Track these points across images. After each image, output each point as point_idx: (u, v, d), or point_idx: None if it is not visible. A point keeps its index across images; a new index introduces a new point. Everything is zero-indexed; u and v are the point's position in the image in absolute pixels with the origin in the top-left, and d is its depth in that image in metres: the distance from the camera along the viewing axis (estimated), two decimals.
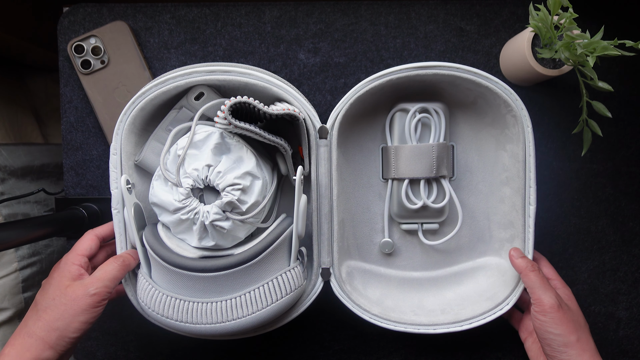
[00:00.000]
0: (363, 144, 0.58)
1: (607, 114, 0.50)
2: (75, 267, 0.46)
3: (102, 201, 0.60)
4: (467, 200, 0.58)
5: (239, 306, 0.46)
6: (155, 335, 0.61)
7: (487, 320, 0.53)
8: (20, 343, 0.43)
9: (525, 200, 0.52)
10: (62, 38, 0.59)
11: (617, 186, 0.60)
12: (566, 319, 0.47)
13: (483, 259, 0.57)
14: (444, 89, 0.54)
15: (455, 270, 0.58)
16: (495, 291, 0.54)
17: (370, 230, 0.59)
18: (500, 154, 0.55)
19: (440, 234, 0.58)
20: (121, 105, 0.58)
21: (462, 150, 0.58)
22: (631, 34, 0.49)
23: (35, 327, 0.43)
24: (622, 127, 0.60)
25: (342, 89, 0.60)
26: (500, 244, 0.56)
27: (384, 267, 0.59)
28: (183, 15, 0.59)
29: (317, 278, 0.53)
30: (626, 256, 0.61)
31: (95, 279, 0.45)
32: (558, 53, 0.47)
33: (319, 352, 0.61)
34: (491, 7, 0.59)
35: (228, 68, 0.50)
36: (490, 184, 0.57)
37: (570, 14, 0.45)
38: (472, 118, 0.56)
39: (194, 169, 0.45)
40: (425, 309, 0.55)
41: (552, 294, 0.48)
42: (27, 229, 0.49)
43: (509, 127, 0.53)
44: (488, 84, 0.51)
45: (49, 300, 0.44)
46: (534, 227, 0.52)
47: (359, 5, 0.59)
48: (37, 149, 0.79)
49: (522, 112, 0.51)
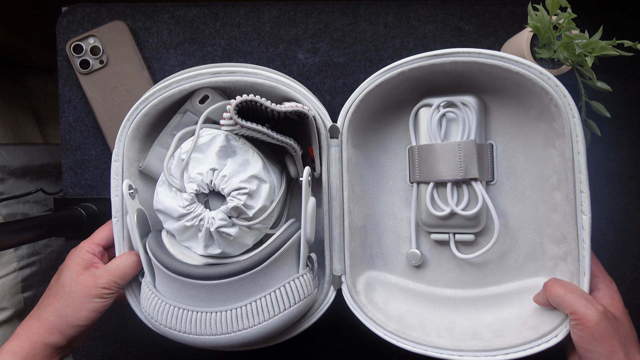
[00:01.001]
0: (388, 145, 0.53)
1: (606, 114, 0.50)
2: (89, 256, 0.47)
3: (101, 201, 0.60)
4: (512, 208, 0.49)
5: (245, 316, 0.43)
6: (154, 336, 0.61)
7: (527, 353, 0.44)
8: (30, 325, 0.44)
9: (577, 209, 0.43)
10: (61, 38, 0.59)
11: (616, 186, 0.60)
12: (611, 333, 0.39)
13: (533, 280, 0.48)
14: (477, 79, 0.47)
15: (497, 290, 0.50)
16: (542, 319, 0.45)
17: (397, 239, 0.53)
18: (550, 152, 0.46)
19: (477, 246, 0.51)
20: (120, 105, 0.58)
21: (504, 149, 0.50)
22: (630, 34, 0.49)
23: (45, 311, 0.44)
24: (621, 127, 0.60)
25: (341, 89, 0.60)
26: (554, 262, 0.46)
27: (412, 281, 0.52)
28: (182, 15, 0.59)
29: (329, 286, 0.49)
30: (625, 256, 0.61)
31: (106, 271, 0.45)
32: (557, 53, 0.47)
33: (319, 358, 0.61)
34: (490, 7, 0.59)
35: (234, 69, 0.47)
36: (540, 189, 0.48)
37: (569, 14, 0.45)
38: (515, 111, 0.48)
39: (198, 173, 0.43)
40: (453, 331, 0.48)
41: (589, 302, 0.40)
42: (26, 228, 0.49)
43: (555, 119, 0.44)
44: (518, 68, 0.43)
45: (60, 287, 0.45)
46: (589, 242, 0.42)
47: (358, 5, 0.59)
48: (36, 149, 0.79)
49: (565, 99, 0.42)
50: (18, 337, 0.43)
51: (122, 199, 0.47)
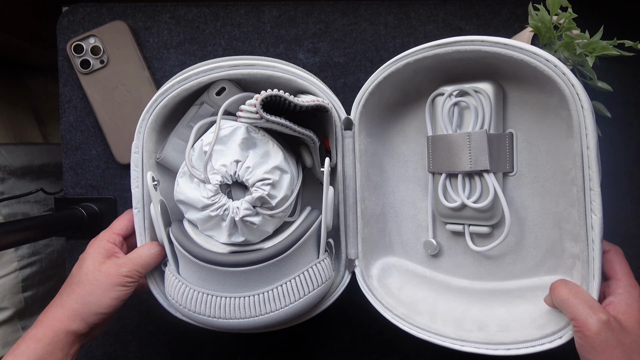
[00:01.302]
0: (408, 134, 0.53)
1: (607, 114, 0.50)
2: (110, 246, 0.48)
3: (101, 201, 0.60)
4: (532, 201, 0.48)
5: (271, 300, 0.46)
6: (154, 336, 0.61)
7: (528, 351, 0.43)
8: (53, 313, 0.44)
9: (587, 207, 0.41)
10: (62, 38, 0.59)
11: (616, 186, 0.60)
12: (613, 344, 0.37)
13: (550, 277, 0.46)
14: (493, 65, 0.45)
15: (513, 285, 0.49)
16: (551, 318, 0.44)
17: (416, 227, 0.54)
18: (571, 142, 0.43)
19: (492, 238, 0.50)
20: (120, 105, 0.59)
21: (524, 138, 0.48)
22: (630, 34, 0.49)
23: (68, 299, 0.45)
24: (622, 127, 0.60)
25: (341, 88, 0.60)
26: (573, 261, 0.45)
27: (429, 269, 0.53)
28: (182, 15, 0.59)
29: (345, 270, 0.52)
30: (626, 256, 0.61)
31: (129, 260, 0.46)
32: (557, 53, 0.47)
33: (318, 351, 0.61)
34: (490, 7, 0.59)
35: (252, 62, 0.48)
36: (562, 182, 0.45)
37: (570, 14, 0.44)
38: (536, 98, 0.46)
39: (222, 165, 0.45)
40: (462, 321, 0.48)
41: (592, 309, 0.38)
42: (27, 228, 0.49)
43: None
44: (523, 56, 0.41)
45: (83, 275, 0.46)
46: (600, 244, 0.40)
47: (358, 5, 0.59)
48: (36, 149, 0.79)
49: (572, 89, 0.40)
50: (41, 324, 0.44)
51: (143, 190, 0.48)
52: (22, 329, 0.70)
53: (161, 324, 0.61)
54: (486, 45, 0.43)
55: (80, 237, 0.60)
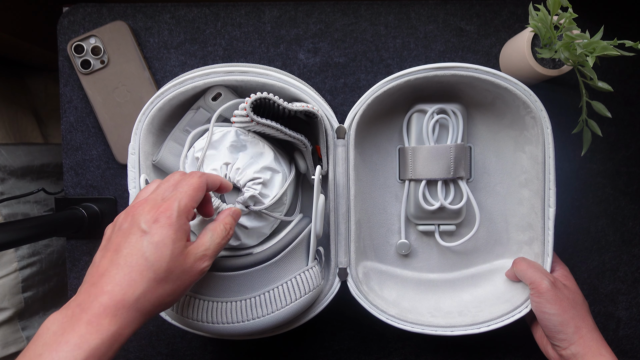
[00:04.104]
0: (380, 145, 0.58)
1: (607, 114, 0.50)
2: (189, 226, 0.38)
3: (102, 201, 0.60)
4: (485, 202, 0.58)
5: (259, 305, 0.46)
6: (154, 336, 0.61)
7: (506, 322, 0.52)
8: (126, 317, 0.35)
9: (545, 203, 0.52)
10: (62, 38, 0.59)
11: (616, 186, 0.60)
12: (561, 297, 0.48)
13: (500, 262, 0.57)
14: (462, 90, 0.54)
15: (472, 272, 0.58)
16: (513, 294, 0.53)
17: (386, 232, 0.59)
18: (519, 155, 0.55)
19: (457, 235, 0.58)
20: (121, 105, 0.59)
21: (479, 151, 0.57)
22: (631, 34, 0.49)
23: (144, 300, 0.35)
24: (622, 127, 0.60)
25: (341, 89, 0.60)
26: (519, 246, 0.56)
27: (400, 269, 0.58)
28: (183, 15, 0.59)
29: (335, 278, 0.53)
30: (626, 256, 0.61)
31: (207, 250, 0.38)
32: (558, 53, 0.47)
33: (318, 351, 0.61)
34: (491, 7, 0.59)
35: (246, 69, 0.50)
36: (509, 185, 0.56)
37: (570, 14, 0.45)
38: (490, 119, 0.56)
39: (213, 169, 0.46)
40: (442, 310, 0.54)
41: (544, 274, 0.49)
42: (27, 228, 0.49)
43: (528, 128, 0.52)
44: (507, 85, 0.51)
45: (164, 272, 0.36)
46: (553, 229, 0.52)
47: (358, 5, 0.59)
48: (37, 149, 0.79)
49: (541, 113, 0.51)
50: (109, 332, 0.34)
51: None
52: (22, 330, 0.70)
53: (161, 324, 0.61)
54: (479, 73, 0.51)
55: (80, 237, 0.60)
